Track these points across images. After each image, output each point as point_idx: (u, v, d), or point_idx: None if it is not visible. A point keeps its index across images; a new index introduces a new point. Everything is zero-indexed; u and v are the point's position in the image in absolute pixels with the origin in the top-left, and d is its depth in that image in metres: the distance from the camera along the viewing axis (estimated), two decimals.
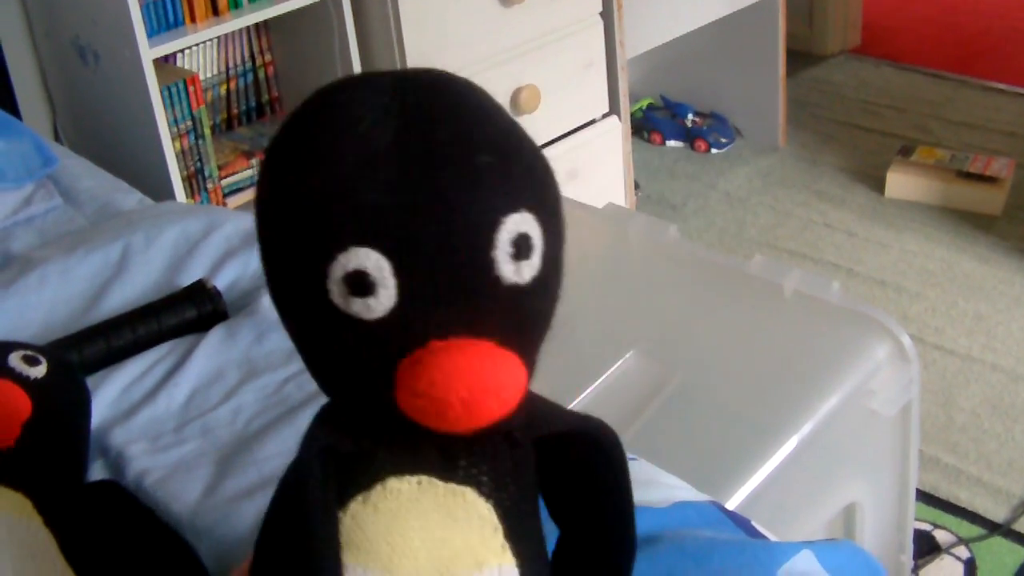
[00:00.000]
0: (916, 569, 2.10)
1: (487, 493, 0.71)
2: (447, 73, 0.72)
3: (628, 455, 1.33)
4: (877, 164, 3.48)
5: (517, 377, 0.67)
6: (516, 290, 0.68)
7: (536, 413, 0.75)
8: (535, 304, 0.70)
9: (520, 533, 0.72)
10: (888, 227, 3.22)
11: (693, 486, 1.29)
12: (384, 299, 0.65)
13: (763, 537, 1.20)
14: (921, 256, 3.07)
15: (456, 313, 0.66)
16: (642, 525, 1.17)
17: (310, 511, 0.68)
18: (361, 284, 0.64)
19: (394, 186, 0.64)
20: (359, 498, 0.70)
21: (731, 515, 1.22)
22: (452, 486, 0.71)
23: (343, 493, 0.70)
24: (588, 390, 1.66)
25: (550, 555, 0.82)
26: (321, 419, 0.74)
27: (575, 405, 1.65)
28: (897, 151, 3.44)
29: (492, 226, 0.66)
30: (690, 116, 3.73)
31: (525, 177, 0.69)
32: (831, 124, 3.82)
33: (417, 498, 0.70)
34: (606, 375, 1.68)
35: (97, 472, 1.35)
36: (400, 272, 0.64)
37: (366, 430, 0.71)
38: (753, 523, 1.22)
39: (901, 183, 3.34)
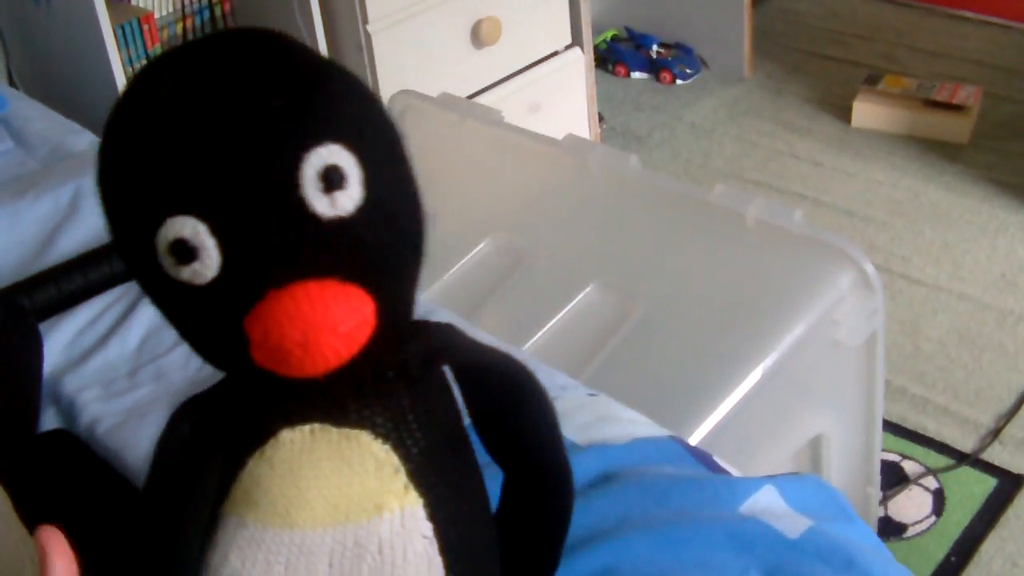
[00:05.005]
0: (885, 500, 2.10)
1: (384, 434, 0.70)
2: (247, 29, 0.71)
3: (588, 391, 1.32)
4: (843, 93, 3.46)
5: (357, 310, 0.66)
6: (341, 223, 0.66)
7: (437, 345, 0.74)
8: (372, 233, 0.68)
9: (428, 471, 0.71)
10: (855, 157, 3.20)
11: (656, 421, 1.28)
12: (209, 261, 0.65)
13: (725, 472, 1.19)
14: (888, 185, 3.06)
15: (288, 259, 0.65)
16: (600, 463, 1.16)
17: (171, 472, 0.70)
18: (184, 251, 0.65)
19: (194, 151, 0.64)
20: (256, 454, 0.69)
21: (692, 450, 1.21)
22: (345, 430, 0.70)
23: (240, 451, 0.70)
24: (547, 325, 1.64)
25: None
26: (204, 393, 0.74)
27: (535, 340, 1.63)
28: (863, 80, 3.42)
29: (293, 164, 0.65)
30: (655, 47, 3.70)
31: (328, 111, 0.67)
32: (797, 54, 3.79)
33: (310, 447, 0.69)
34: (566, 309, 1.66)
35: (49, 420, 1.33)
36: (217, 231, 0.64)
37: (252, 388, 0.70)
38: (715, 458, 1.21)
39: (867, 112, 3.32)
